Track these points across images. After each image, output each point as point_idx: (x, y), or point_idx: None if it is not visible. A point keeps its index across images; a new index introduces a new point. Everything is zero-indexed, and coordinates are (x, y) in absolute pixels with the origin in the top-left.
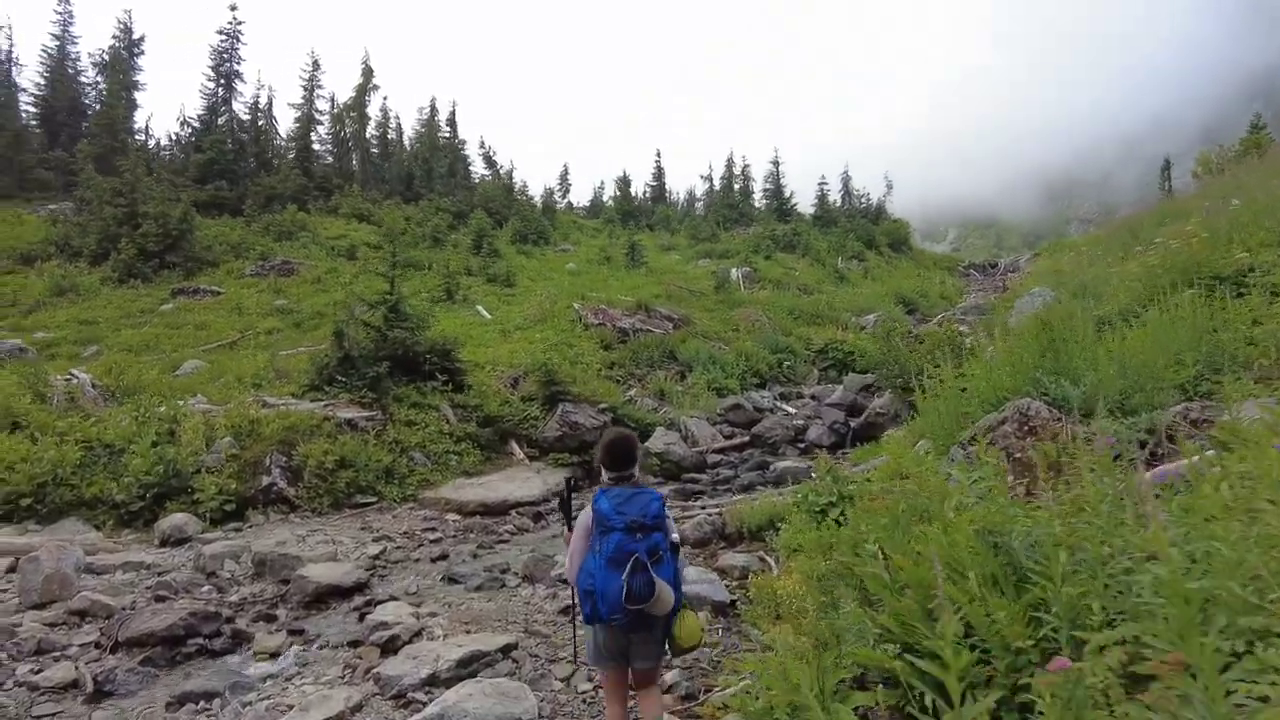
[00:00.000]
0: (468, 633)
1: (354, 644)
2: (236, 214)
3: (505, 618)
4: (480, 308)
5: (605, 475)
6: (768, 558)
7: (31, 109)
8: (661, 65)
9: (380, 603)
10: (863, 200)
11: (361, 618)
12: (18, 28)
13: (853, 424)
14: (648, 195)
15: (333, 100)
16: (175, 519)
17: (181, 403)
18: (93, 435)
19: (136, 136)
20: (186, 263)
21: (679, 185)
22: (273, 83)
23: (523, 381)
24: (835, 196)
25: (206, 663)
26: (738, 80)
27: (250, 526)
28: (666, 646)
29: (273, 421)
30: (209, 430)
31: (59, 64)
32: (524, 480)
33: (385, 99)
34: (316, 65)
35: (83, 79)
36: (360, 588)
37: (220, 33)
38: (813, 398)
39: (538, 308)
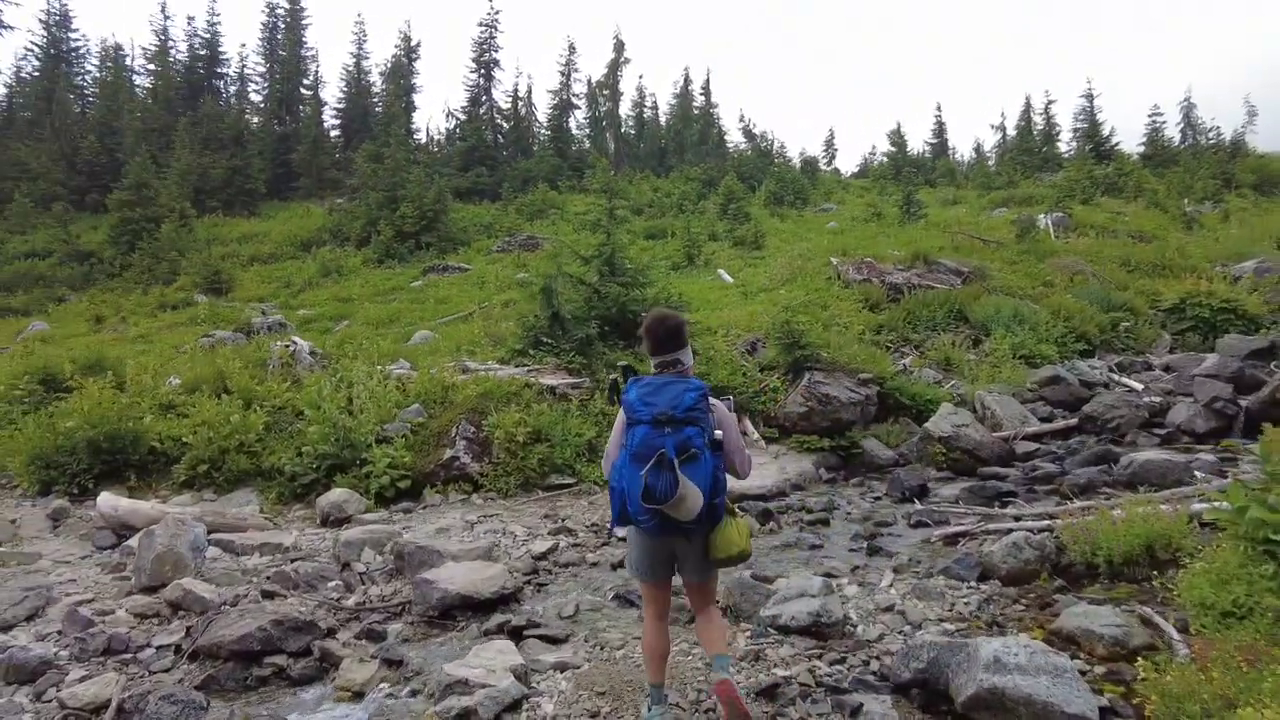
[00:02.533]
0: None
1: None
2: (495, 198)
3: (672, 677)
4: (722, 271)
5: (651, 363)
6: (1156, 617)
7: (334, 120)
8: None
9: (521, 629)
10: (1212, 134)
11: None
12: (323, 50)
13: (1244, 403)
14: (926, 152)
15: (588, 82)
16: (335, 495)
17: (380, 368)
18: (286, 401)
19: (416, 135)
20: (440, 242)
21: (962, 143)
22: (531, 70)
23: (761, 347)
24: (1173, 131)
25: (275, 693)
26: (1029, 9)
27: (424, 508)
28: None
29: (466, 388)
30: (400, 398)
31: (354, 77)
32: (756, 467)
33: (640, 77)
34: (572, 49)
35: (374, 89)
36: (504, 601)
37: (480, 24)
38: (1166, 369)
39: (786, 266)
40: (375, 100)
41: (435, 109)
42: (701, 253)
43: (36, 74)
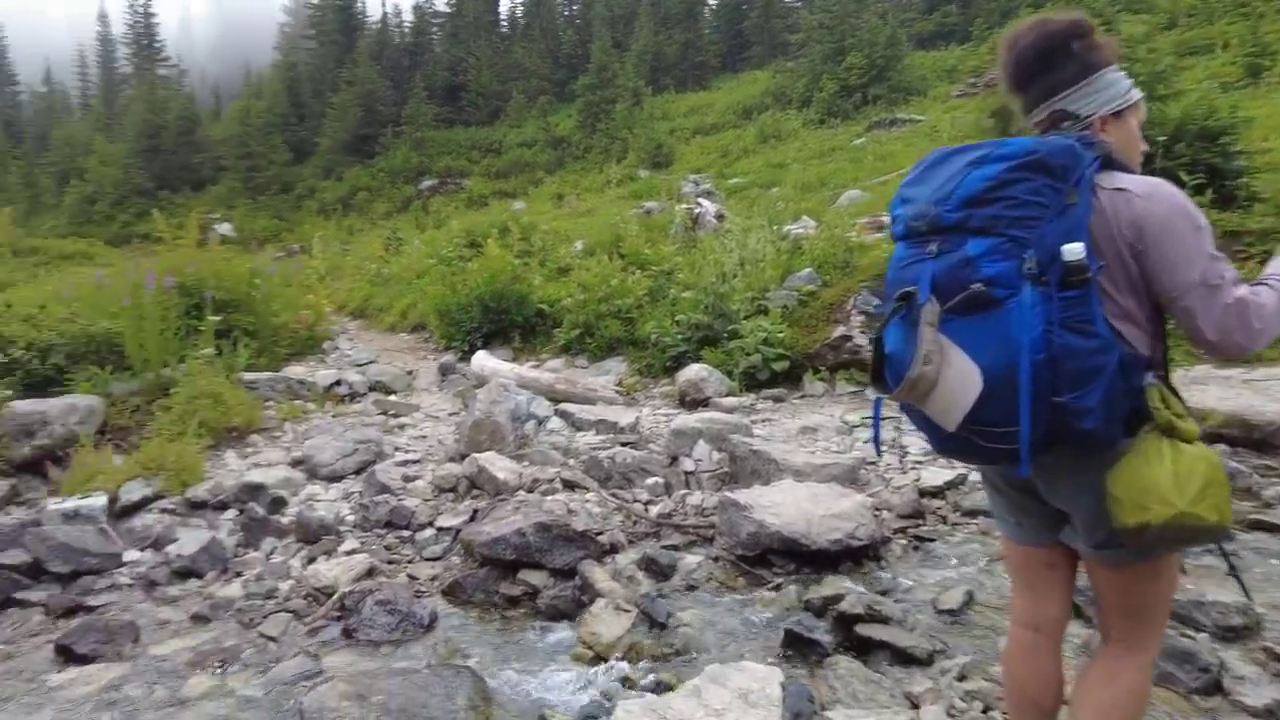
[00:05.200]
0: None
1: None
2: (965, 39)
3: None
4: None
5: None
6: None
7: None
8: None
9: (857, 619)
10: None
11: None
12: None
13: None
14: None
15: None
16: (693, 372)
17: (776, 227)
18: (674, 266)
19: None
20: (890, 94)
21: None
22: None
23: None
24: None
25: (515, 624)
26: None
27: (800, 397)
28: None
29: (874, 249)
30: (788, 260)
31: None
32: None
33: None
34: None
35: None
36: (852, 556)
37: None
38: None
39: None
40: None
41: None
42: (1277, 64)
43: None
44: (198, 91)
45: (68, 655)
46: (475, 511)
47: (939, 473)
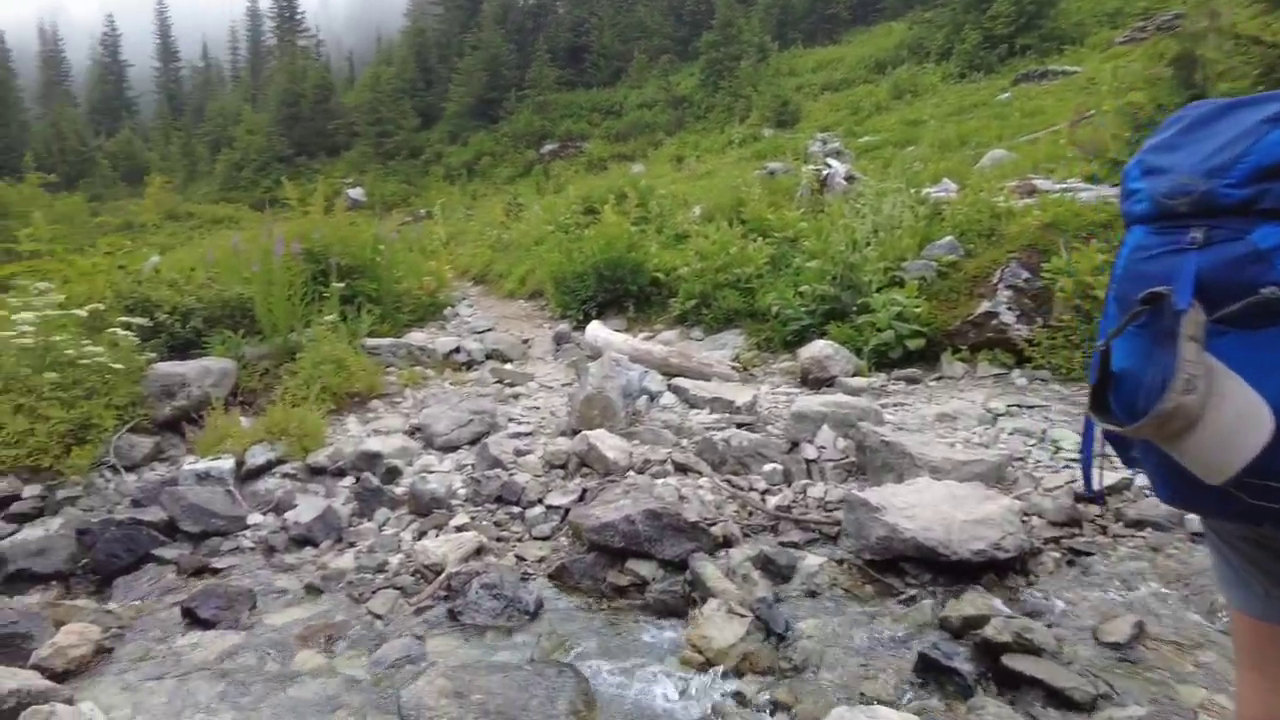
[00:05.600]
0: None
1: None
2: None
3: None
4: None
5: None
6: None
7: None
8: None
9: (1004, 648)
10: None
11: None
12: None
13: None
14: None
15: None
16: (817, 348)
17: (914, 191)
18: (799, 233)
19: None
20: (1040, 43)
21: None
22: None
23: None
24: None
25: (623, 615)
26: None
27: (936, 379)
28: None
29: (1025, 216)
30: (927, 227)
31: None
32: None
33: None
34: None
35: None
36: (996, 569)
37: None
38: None
39: None
40: None
41: None
42: None
43: None
44: (333, 60)
45: (192, 618)
46: (584, 491)
47: (1105, 473)
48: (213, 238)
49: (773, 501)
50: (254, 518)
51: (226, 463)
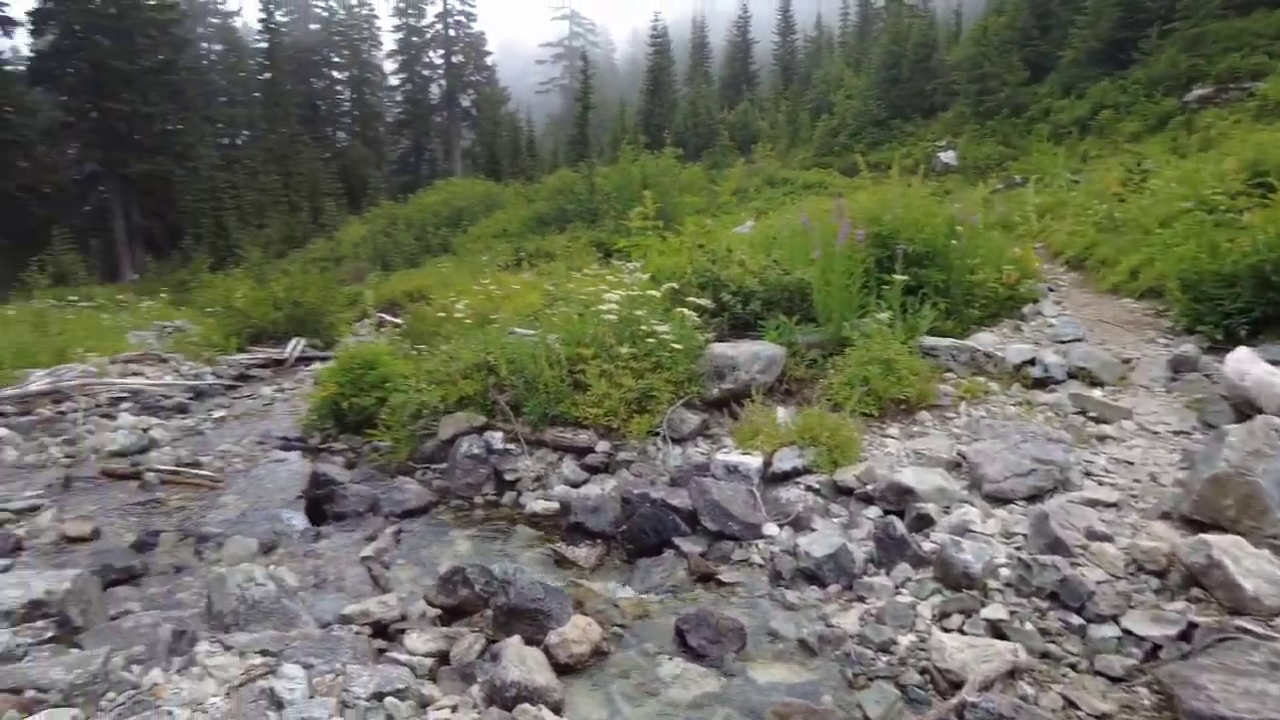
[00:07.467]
0: None
1: None
2: None
3: None
4: None
5: None
6: None
7: None
8: None
9: None
10: None
11: None
12: None
13: None
14: None
15: None
16: None
17: None
18: None
19: None
20: None
21: None
22: None
23: None
24: None
25: None
26: None
27: None
28: None
29: None
30: None
31: None
32: None
33: None
34: None
35: None
36: None
37: None
38: None
39: None
40: None
41: None
42: None
43: None
44: (940, 16)
45: (681, 641)
46: (1190, 628)
47: None
48: (801, 204)
49: None
50: (769, 528)
51: (755, 460)
